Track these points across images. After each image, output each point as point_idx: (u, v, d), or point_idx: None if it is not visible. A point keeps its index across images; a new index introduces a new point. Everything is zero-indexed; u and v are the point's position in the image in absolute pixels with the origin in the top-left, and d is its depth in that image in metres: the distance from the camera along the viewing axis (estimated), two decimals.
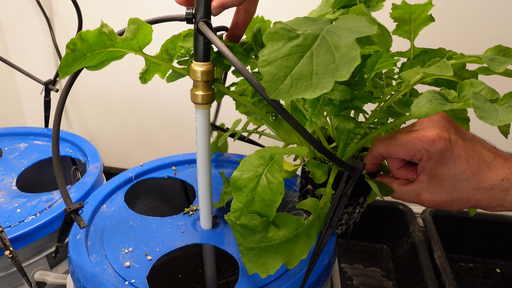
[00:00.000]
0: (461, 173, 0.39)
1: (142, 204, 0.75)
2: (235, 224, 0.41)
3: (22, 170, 0.74)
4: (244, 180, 0.41)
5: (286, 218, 0.42)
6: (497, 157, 0.40)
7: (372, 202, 1.06)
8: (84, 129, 1.18)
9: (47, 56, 1.07)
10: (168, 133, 1.13)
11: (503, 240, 1.02)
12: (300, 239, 0.42)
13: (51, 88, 0.86)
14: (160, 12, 0.95)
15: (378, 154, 0.43)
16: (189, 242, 0.56)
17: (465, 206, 0.41)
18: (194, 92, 0.48)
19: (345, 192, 0.42)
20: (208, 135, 0.51)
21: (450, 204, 0.41)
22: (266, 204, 0.40)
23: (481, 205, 0.40)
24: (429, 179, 0.41)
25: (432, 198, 0.41)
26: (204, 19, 0.42)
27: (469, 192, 0.39)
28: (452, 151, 0.39)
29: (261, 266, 0.40)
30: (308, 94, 0.29)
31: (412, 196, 0.43)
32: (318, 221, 0.44)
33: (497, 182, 0.38)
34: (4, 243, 0.52)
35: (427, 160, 0.40)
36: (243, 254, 0.41)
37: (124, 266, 0.51)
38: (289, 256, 0.41)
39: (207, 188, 0.55)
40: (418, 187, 0.42)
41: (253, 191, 0.40)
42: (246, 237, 0.41)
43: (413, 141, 0.40)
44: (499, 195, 0.39)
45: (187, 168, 0.74)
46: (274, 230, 0.41)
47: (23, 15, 1.02)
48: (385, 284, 0.97)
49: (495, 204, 0.39)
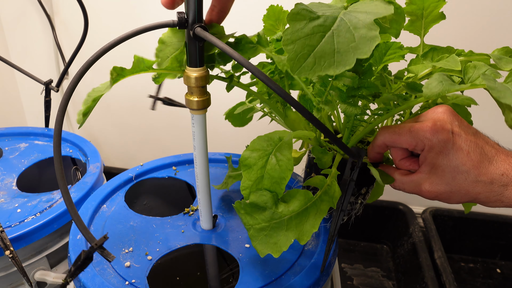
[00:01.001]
0: (461, 165, 0.39)
1: (142, 204, 0.75)
2: (244, 205, 0.41)
3: (23, 170, 0.74)
4: (253, 158, 0.41)
5: (294, 193, 0.43)
6: (498, 153, 0.40)
7: (372, 202, 1.06)
8: (84, 129, 1.18)
9: (47, 56, 1.07)
10: (169, 133, 1.13)
11: (503, 240, 1.02)
12: (310, 213, 0.42)
13: (51, 88, 0.86)
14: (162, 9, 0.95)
15: (382, 143, 0.44)
16: (189, 242, 0.56)
17: (463, 199, 0.41)
18: (189, 98, 0.47)
19: (352, 178, 0.43)
20: (205, 139, 0.51)
21: (449, 196, 0.41)
22: (275, 181, 0.41)
23: (480, 199, 0.40)
24: (430, 169, 0.41)
25: (431, 188, 0.41)
26: (198, 24, 0.41)
27: (468, 184, 0.39)
28: (454, 143, 0.39)
29: (273, 246, 0.40)
30: (332, 70, 0.31)
31: (412, 187, 0.43)
32: (327, 197, 0.44)
33: (497, 176, 0.39)
34: (5, 243, 0.52)
35: (429, 150, 0.40)
36: (254, 237, 0.40)
37: (124, 266, 0.51)
38: (301, 231, 0.41)
39: (206, 191, 0.55)
40: (419, 177, 0.42)
41: (263, 168, 0.41)
42: (256, 217, 0.41)
43: (417, 130, 0.40)
44: (498, 190, 0.39)
45: (187, 168, 0.74)
46: (284, 205, 0.42)
47: (23, 14, 1.02)
48: (385, 284, 0.97)
49: (494, 199, 0.40)
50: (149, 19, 0.78)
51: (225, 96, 0.86)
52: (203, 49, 0.44)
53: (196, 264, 0.68)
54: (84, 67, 0.39)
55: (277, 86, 0.36)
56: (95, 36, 0.93)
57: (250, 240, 0.41)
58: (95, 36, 0.93)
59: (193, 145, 0.51)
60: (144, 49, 1.00)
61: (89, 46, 0.85)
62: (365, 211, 1.08)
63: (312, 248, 0.55)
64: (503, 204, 0.40)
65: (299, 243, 0.42)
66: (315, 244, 0.56)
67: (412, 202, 1.06)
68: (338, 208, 0.46)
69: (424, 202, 1.06)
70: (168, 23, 0.42)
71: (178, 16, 0.41)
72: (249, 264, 0.52)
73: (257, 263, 0.52)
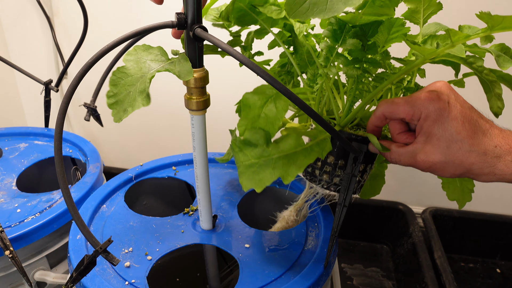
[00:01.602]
0: (456, 133, 0.40)
1: (142, 204, 0.75)
2: (239, 141, 0.43)
3: (22, 170, 0.74)
4: (254, 99, 0.44)
5: (287, 137, 0.45)
6: (492, 127, 0.41)
7: (372, 202, 1.06)
8: (84, 129, 1.18)
9: (47, 56, 1.07)
10: (168, 133, 1.13)
11: (503, 240, 1.02)
12: (298, 157, 0.44)
13: (51, 88, 0.86)
14: (161, 10, 0.95)
15: (381, 114, 0.45)
16: (189, 242, 0.56)
17: (457, 170, 0.41)
18: (188, 98, 0.47)
19: (353, 173, 0.46)
20: (205, 140, 0.51)
21: (443, 166, 0.42)
22: (270, 121, 0.43)
23: (473, 171, 0.41)
24: (426, 139, 0.42)
25: (426, 158, 0.42)
26: (197, 24, 0.41)
27: (462, 154, 0.40)
28: (450, 112, 0.40)
29: (258, 182, 0.42)
30: (322, 15, 0.34)
31: (407, 158, 0.44)
32: (317, 148, 0.45)
33: (490, 147, 0.40)
34: (4, 243, 0.52)
35: (425, 118, 0.41)
36: (242, 173, 0.42)
37: (124, 266, 0.51)
38: (286, 171, 0.43)
39: (206, 191, 0.55)
40: (415, 147, 0.43)
41: (260, 108, 0.44)
42: (247, 154, 0.43)
43: (414, 99, 0.42)
44: (491, 161, 0.40)
45: (187, 168, 0.74)
46: (275, 146, 0.44)
47: (23, 15, 1.02)
48: (385, 284, 0.97)
49: (487, 171, 0.41)
50: (147, 19, 0.78)
51: (225, 96, 0.86)
52: (202, 49, 0.44)
53: (196, 264, 0.68)
54: (84, 68, 0.38)
55: (278, 83, 0.37)
56: (93, 36, 0.93)
57: (238, 176, 0.42)
58: (94, 36, 0.93)
59: (192, 146, 0.51)
60: None
61: (89, 47, 0.85)
62: (365, 211, 1.08)
63: (312, 248, 0.55)
64: (495, 177, 0.41)
65: (298, 245, 0.42)
66: (315, 244, 0.56)
67: (412, 202, 1.06)
68: (341, 203, 0.47)
69: (424, 202, 1.06)
70: (167, 24, 0.42)
71: (177, 17, 0.41)
72: (249, 264, 0.52)
73: (257, 263, 0.52)
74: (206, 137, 0.51)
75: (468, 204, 1.07)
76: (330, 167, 0.50)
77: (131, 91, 0.40)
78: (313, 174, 0.52)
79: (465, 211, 1.03)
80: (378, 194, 0.62)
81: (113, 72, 0.40)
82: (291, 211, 0.60)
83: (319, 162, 0.51)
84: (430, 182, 1.03)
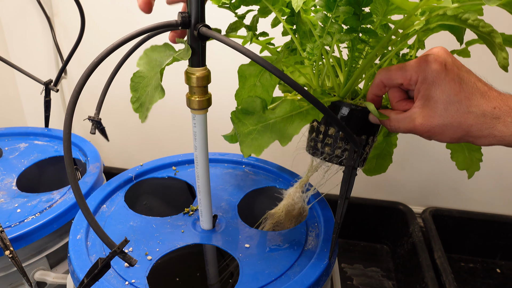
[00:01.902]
0: (453, 95, 0.40)
1: (142, 204, 0.75)
2: (237, 111, 0.45)
3: (22, 170, 0.74)
4: (250, 70, 0.46)
5: (282, 102, 0.46)
6: (491, 90, 0.41)
7: (372, 202, 1.06)
8: (84, 129, 1.18)
9: (47, 56, 1.07)
10: (169, 133, 1.13)
11: (503, 240, 1.02)
12: (295, 120, 0.45)
13: (51, 88, 0.86)
14: (163, 10, 0.95)
15: (379, 81, 0.45)
16: (189, 242, 0.56)
17: (456, 133, 0.41)
18: (190, 97, 0.47)
19: (354, 165, 0.46)
20: (206, 139, 0.51)
21: (442, 130, 0.41)
22: (265, 89, 0.45)
23: (472, 133, 0.41)
24: (423, 103, 0.42)
25: (424, 122, 0.42)
26: (201, 23, 0.42)
27: (460, 115, 0.40)
28: (447, 74, 0.40)
29: (257, 147, 0.44)
30: None
31: (406, 123, 0.43)
32: (314, 111, 0.46)
33: (489, 109, 0.40)
34: (4, 243, 0.52)
35: (422, 81, 0.41)
36: (242, 142, 0.44)
37: (124, 266, 0.51)
38: (283, 134, 0.45)
39: (207, 191, 0.55)
40: (413, 112, 0.43)
41: (256, 77, 0.46)
42: (245, 123, 0.45)
43: (410, 64, 0.42)
44: (490, 122, 0.40)
45: (187, 168, 0.74)
46: (271, 111, 0.46)
47: (23, 15, 1.02)
48: (385, 284, 0.97)
49: (486, 132, 0.40)
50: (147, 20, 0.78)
51: (226, 95, 0.86)
52: (205, 48, 0.44)
53: (196, 264, 0.68)
54: (89, 68, 0.38)
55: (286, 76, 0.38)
56: (93, 36, 0.93)
57: (240, 146, 0.44)
58: (93, 36, 0.93)
59: (194, 145, 0.51)
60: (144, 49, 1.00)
61: (88, 46, 0.85)
62: (365, 211, 1.08)
63: (312, 248, 0.55)
64: (495, 139, 0.40)
65: (298, 245, 0.42)
66: (315, 244, 0.56)
67: (412, 202, 1.06)
68: (343, 196, 0.48)
69: (424, 202, 1.06)
70: (171, 24, 0.42)
71: (181, 16, 0.42)
72: (249, 264, 0.52)
73: (257, 263, 0.52)
74: (207, 137, 0.51)
75: (468, 204, 1.07)
76: (331, 139, 0.50)
77: (149, 90, 0.42)
78: (316, 148, 0.52)
79: (465, 211, 1.03)
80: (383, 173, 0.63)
81: (131, 78, 0.42)
82: (296, 187, 0.59)
83: (321, 135, 0.51)
84: (430, 182, 1.03)
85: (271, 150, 1.11)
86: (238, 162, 0.76)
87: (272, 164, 0.74)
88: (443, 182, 1.03)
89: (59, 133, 0.86)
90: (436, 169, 1.01)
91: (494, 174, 0.99)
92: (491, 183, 1.00)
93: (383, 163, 0.62)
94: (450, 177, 1.01)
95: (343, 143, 0.50)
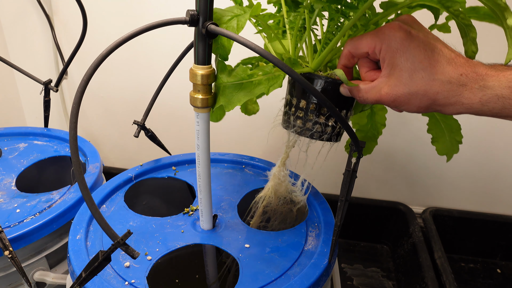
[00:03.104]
0: (418, 62, 0.39)
1: (142, 204, 0.75)
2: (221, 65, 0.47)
3: (22, 170, 0.74)
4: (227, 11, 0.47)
5: (237, 67, 0.47)
6: (458, 57, 0.40)
7: (372, 202, 1.06)
8: (84, 129, 1.17)
9: (47, 56, 1.06)
10: (168, 133, 1.13)
11: (503, 241, 1.02)
12: (247, 87, 0.47)
13: (50, 88, 0.86)
14: (162, 9, 0.95)
15: (347, 52, 0.45)
16: (189, 242, 0.56)
17: (423, 102, 0.40)
18: (193, 95, 0.47)
19: (354, 169, 0.47)
20: (209, 138, 0.51)
21: (408, 99, 0.40)
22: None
23: (439, 101, 0.40)
24: (389, 72, 0.41)
25: (390, 91, 0.41)
26: (210, 21, 0.42)
27: (425, 83, 0.39)
28: (412, 41, 0.39)
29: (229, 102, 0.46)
30: None
31: (373, 93, 0.43)
32: (266, 83, 0.46)
33: (455, 75, 0.38)
34: (4, 243, 0.52)
35: (386, 49, 0.41)
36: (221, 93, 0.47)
37: (124, 266, 0.51)
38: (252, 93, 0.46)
39: (208, 191, 0.55)
40: (379, 82, 0.42)
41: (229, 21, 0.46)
42: (221, 76, 0.47)
43: (376, 31, 0.41)
44: (456, 90, 0.39)
45: (187, 168, 0.74)
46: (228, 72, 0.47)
47: (23, 14, 1.02)
48: (385, 284, 0.97)
49: (453, 100, 0.39)
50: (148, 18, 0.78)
51: None
52: (211, 47, 0.44)
53: (196, 264, 0.68)
54: (94, 64, 0.38)
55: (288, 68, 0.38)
56: (93, 36, 0.92)
57: (217, 97, 0.47)
58: (94, 36, 0.93)
59: (196, 144, 0.51)
60: (144, 49, 1.00)
61: (88, 46, 0.85)
62: (365, 211, 1.08)
63: (312, 248, 0.55)
64: (463, 107, 0.39)
65: (298, 245, 0.41)
66: (315, 244, 0.56)
67: (412, 202, 1.06)
68: (343, 198, 0.48)
69: (424, 202, 1.06)
70: (180, 20, 0.42)
71: (190, 13, 0.42)
72: (249, 264, 0.52)
73: (257, 263, 0.52)
74: (209, 136, 0.51)
75: (468, 204, 1.07)
76: (303, 111, 0.49)
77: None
78: (288, 121, 0.51)
79: (465, 211, 1.03)
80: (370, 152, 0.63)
81: None
82: (279, 166, 0.59)
83: (293, 108, 0.50)
84: (430, 182, 1.03)
85: (271, 150, 1.11)
86: (238, 162, 0.76)
87: (272, 164, 0.74)
88: (443, 182, 1.02)
89: (58, 133, 0.86)
90: (436, 169, 1.01)
91: (494, 174, 0.99)
92: (491, 183, 1.00)
93: (368, 145, 0.62)
94: (450, 177, 1.01)
95: (314, 116, 0.49)
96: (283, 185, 0.60)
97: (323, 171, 1.04)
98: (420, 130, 0.96)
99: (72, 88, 1.11)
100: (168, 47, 0.96)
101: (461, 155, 0.97)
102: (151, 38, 0.96)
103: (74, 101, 0.37)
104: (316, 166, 0.56)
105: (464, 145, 0.58)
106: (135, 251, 0.35)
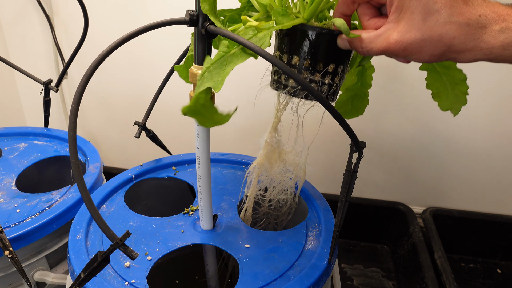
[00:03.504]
0: (432, 3, 0.35)
1: (142, 204, 0.75)
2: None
3: (22, 170, 0.74)
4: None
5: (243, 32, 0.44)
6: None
7: (372, 202, 1.06)
8: (84, 129, 1.17)
9: (47, 56, 1.06)
10: (168, 133, 1.13)
11: (503, 241, 1.02)
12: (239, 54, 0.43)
13: (50, 88, 0.86)
14: (163, 10, 0.95)
15: None
16: (189, 242, 0.56)
17: (437, 49, 0.36)
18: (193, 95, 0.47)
19: (354, 169, 0.47)
20: (209, 138, 0.51)
21: (420, 45, 0.36)
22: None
23: (455, 47, 0.36)
24: (398, 16, 0.37)
25: (401, 38, 0.36)
26: (209, 21, 0.42)
27: (440, 27, 0.35)
28: None
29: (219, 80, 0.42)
30: None
31: (380, 42, 0.38)
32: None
33: (474, 17, 0.34)
34: (4, 243, 0.52)
35: None
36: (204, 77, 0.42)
37: (124, 266, 0.51)
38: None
39: (208, 191, 0.55)
40: (387, 28, 0.38)
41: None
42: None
43: None
44: (475, 33, 0.35)
45: (187, 168, 0.74)
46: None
47: (23, 14, 1.02)
48: (385, 284, 0.97)
49: (471, 45, 0.35)
50: (148, 19, 0.78)
51: (229, 94, 0.86)
52: (211, 47, 0.45)
53: (196, 264, 0.68)
54: (94, 64, 0.38)
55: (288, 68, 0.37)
56: (94, 36, 0.92)
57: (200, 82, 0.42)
58: (94, 36, 0.93)
59: (196, 144, 0.51)
60: (145, 49, 1.00)
61: (88, 46, 0.85)
62: (365, 211, 1.08)
63: (312, 249, 0.55)
64: (481, 53, 0.35)
65: (298, 245, 0.41)
66: (315, 244, 0.56)
67: (412, 202, 1.06)
68: (343, 199, 0.48)
69: (424, 202, 1.06)
70: (180, 20, 0.42)
71: (189, 13, 0.42)
72: (249, 264, 0.52)
73: (257, 263, 0.52)
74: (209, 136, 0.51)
75: (468, 204, 1.07)
76: (295, 69, 0.45)
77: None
78: (279, 81, 0.47)
79: (465, 211, 1.03)
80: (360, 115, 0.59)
81: None
82: (270, 132, 0.55)
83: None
84: (430, 182, 1.03)
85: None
86: (238, 162, 0.76)
87: None
88: (443, 182, 1.02)
89: (58, 133, 0.86)
90: (436, 169, 1.01)
91: (494, 174, 0.99)
92: (491, 183, 1.00)
93: (359, 105, 0.58)
94: (450, 177, 1.01)
95: (308, 74, 0.44)
96: (276, 151, 0.56)
97: (323, 171, 1.04)
98: (420, 130, 0.96)
99: (72, 88, 1.11)
100: (168, 47, 0.96)
101: (461, 155, 0.97)
102: (152, 38, 0.96)
103: (74, 101, 0.37)
104: (316, 167, 0.56)
105: (464, 145, 0.58)
106: (133, 251, 0.35)
